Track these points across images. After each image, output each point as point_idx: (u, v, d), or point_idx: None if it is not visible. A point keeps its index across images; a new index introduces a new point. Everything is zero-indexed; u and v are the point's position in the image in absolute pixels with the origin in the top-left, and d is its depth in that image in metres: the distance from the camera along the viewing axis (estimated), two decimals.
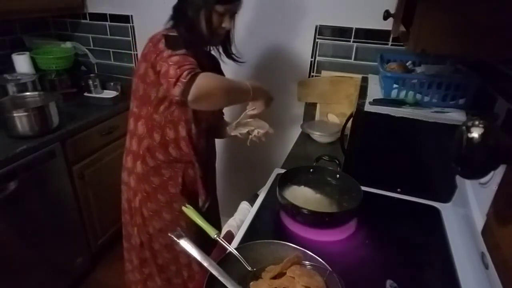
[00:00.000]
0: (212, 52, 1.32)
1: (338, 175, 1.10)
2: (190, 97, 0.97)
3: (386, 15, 1.15)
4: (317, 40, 1.70)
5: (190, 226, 0.88)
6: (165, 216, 1.30)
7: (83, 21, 2.14)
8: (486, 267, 0.73)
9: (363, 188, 1.02)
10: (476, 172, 0.63)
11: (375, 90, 1.26)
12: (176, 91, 0.96)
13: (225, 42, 1.26)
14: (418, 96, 1.15)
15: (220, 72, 1.33)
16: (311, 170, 1.13)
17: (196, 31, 1.10)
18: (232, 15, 1.15)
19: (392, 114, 1.08)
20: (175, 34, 1.08)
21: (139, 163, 1.25)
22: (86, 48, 2.20)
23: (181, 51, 1.01)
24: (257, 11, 1.72)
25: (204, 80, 0.97)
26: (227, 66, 1.33)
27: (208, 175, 1.39)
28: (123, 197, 1.39)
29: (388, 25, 1.25)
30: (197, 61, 1.03)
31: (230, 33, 1.23)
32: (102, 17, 2.08)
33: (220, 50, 1.30)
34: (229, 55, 1.30)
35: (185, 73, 0.95)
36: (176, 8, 1.15)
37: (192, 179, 1.31)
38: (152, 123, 1.18)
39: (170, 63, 0.99)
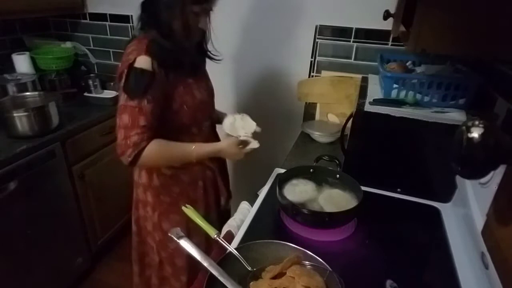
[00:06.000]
0: None
1: (338, 175, 1.10)
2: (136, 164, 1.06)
3: (386, 15, 1.15)
4: (317, 40, 1.70)
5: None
6: (190, 225, 1.18)
7: (83, 21, 2.15)
8: (486, 267, 0.73)
9: (363, 188, 1.02)
10: (476, 172, 0.63)
11: (375, 90, 1.26)
12: (123, 161, 1.06)
13: (201, 40, 1.17)
14: (418, 96, 1.15)
15: (202, 67, 1.23)
16: (311, 170, 1.13)
17: (172, 36, 1.02)
18: (208, 13, 1.08)
19: (392, 114, 1.08)
20: (139, 69, 0.98)
21: (155, 176, 1.19)
22: (86, 48, 2.20)
23: (134, 102, 1.01)
24: (257, 11, 1.72)
25: (146, 159, 1.05)
26: (226, 66, 1.28)
27: (225, 173, 1.36)
28: (134, 217, 1.30)
29: (388, 25, 1.25)
30: (168, 71, 1.03)
31: (205, 31, 1.14)
32: (102, 17, 2.08)
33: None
34: (205, 52, 1.22)
35: (129, 151, 1.03)
36: (145, 6, 1.06)
37: (212, 180, 1.27)
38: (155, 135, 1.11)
39: (120, 122, 1.05)
